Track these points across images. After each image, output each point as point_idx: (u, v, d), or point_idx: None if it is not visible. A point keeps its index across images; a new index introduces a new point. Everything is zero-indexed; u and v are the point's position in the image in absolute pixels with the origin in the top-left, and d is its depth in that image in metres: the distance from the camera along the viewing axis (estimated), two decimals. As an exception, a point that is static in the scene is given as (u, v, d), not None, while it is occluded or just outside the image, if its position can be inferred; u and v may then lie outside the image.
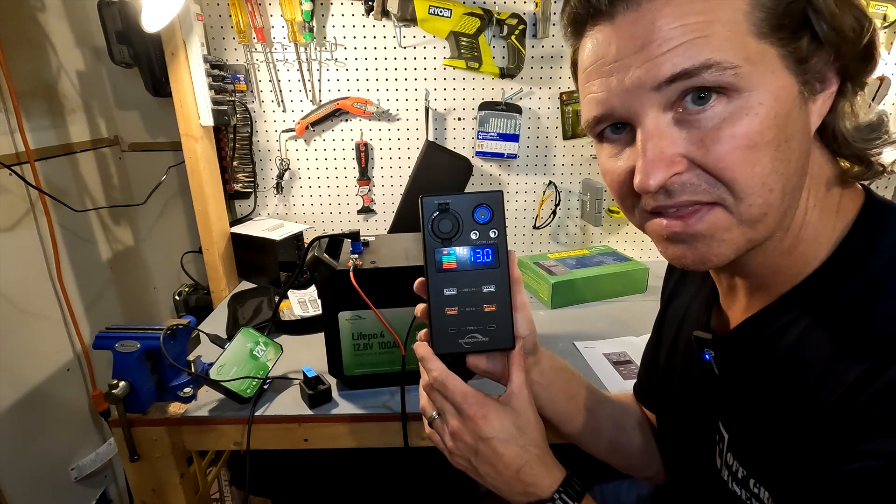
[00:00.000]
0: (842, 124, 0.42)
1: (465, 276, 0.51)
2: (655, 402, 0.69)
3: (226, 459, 1.30)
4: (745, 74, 0.36)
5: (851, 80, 0.41)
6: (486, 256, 0.51)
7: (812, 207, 0.43)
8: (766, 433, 0.44)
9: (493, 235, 0.51)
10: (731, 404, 0.50)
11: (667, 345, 0.65)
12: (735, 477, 0.48)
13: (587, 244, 1.49)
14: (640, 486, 0.82)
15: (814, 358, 0.41)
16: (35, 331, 1.18)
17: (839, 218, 0.43)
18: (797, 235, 0.43)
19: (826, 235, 0.43)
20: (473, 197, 0.51)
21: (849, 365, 0.38)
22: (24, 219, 1.15)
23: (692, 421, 0.57)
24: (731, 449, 0.49)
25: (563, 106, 1.35)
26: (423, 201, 0.51)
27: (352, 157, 1.38)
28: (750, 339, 0.48)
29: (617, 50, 0.39)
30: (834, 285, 0.42)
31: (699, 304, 0.58)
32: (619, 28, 0.39)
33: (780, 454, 0.42)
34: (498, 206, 0.51)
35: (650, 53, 0.37)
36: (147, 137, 1.45)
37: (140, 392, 0.80)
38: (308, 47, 1.28)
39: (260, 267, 1.31)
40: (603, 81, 0.41)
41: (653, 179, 0.39)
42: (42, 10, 1.21)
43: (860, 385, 0.37)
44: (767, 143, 0.37)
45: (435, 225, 0.50)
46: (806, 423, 0.40)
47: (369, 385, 0.88)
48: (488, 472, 0.50)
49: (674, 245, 0.42)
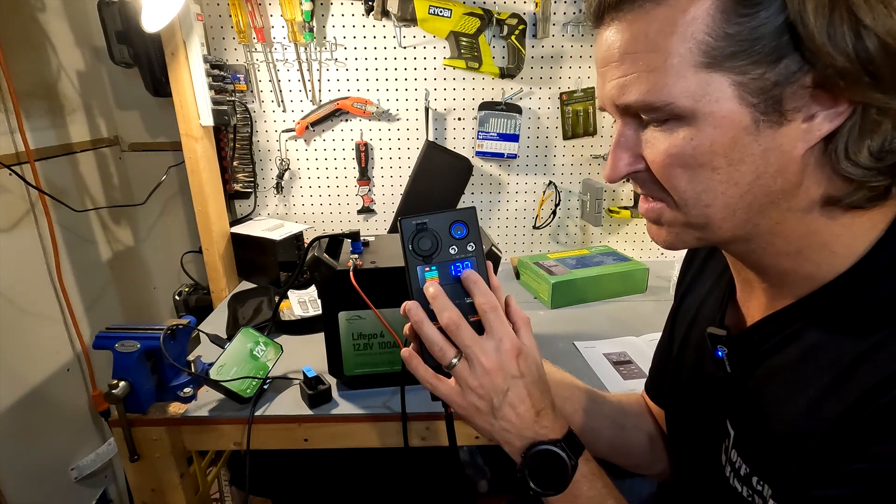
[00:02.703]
0: (854, 147, 0.38)
1: (448, 290, 0.52)
2: (665, 397, 0.69)
3: (226, 459, 1.30)
4: (682, 108, 0.39)
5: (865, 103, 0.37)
6: (466, 269, 0.53)
7: (816, 218, 0.42)
8: (773, 432, 0.44)
9: (471, 249, 0.53)
10: (741, 402, 0.50)
11: (679, 339, 0.65)
12: (737, 474, 0.48)
13: (587, 244, 1.49)
14: (642, 485, 0.82)
15: (830, 361, 0.41)
16: (35, 331, 1.18)
17: (870, 227, 0.42)
18: (799, 241, 0.43)
19: (842, 243, 0.43)
20: (449, 215, 0.53)
21: (867, 371, 0.38)
22: (24, 219, 1.15)
23: (700, 417, 0.57)
24: (736, 446, 0.49)
25: (563, 106, 1.35)
26: (401, 223, 0.53)
27: (352, 157, 1.38)
28: (764, 339, 0.48)
29: (602, 57, 0.44)
30: (860, 292, 0.42)
31: (714, 300, 0.59)
32: (606, 36, 0.43)
33: (786, 453, 0.42)
34: (472, 221, 0.53)
35: (610, 73, 0.42)
36: (147, 137, 1.45)
37: (140, 392, 0.80)
38: (308, 47, 1.28)
39: (260, 267, 1.31)
40: (599, 79, 0.46)
41: (612, 177, 0.46)
42: (42, 10, 1.21)
43: (879, 390, 0.37)
44: (702, 165, 0.40)
45: (415, 244, 0.53)
46: (817, 426, 0.40)
47: (369, 385, 0.88)
48: (507, 414, 0.50)
49: (651, 224, 0.48)
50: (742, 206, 0.42)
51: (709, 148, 0.40)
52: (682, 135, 0.40)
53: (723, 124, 0.39)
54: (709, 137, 0.39)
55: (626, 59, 0.40)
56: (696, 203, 0.42)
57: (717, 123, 0.39)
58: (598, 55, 0.44)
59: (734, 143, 0.39)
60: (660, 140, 0.42)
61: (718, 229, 0.44)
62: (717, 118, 0.39)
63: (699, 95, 0.39)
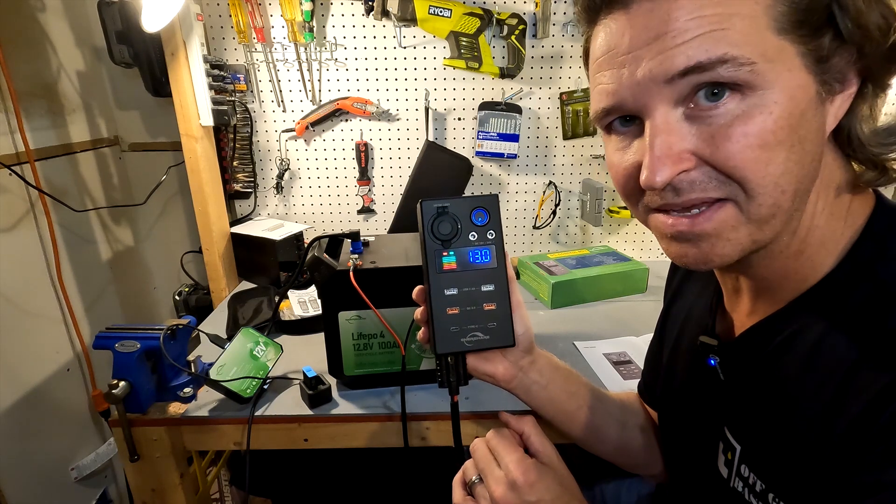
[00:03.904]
0: (859, 127, 0.40)
1: (465, 276, 0.52)
2: (658, 400, 0.69)
3: (226, 459, 1.30)
4: (761, 71, 0.35)
5: (873, 81, 0.39)
6: (484, 257, 0.52)
7: (821, 211, 0.42)
8: (781, 446, 0.43)
9: (491, 237, 0.52)
10: (739, 412, 0.49)
11: (669, 345, 0.64)
12: (752, 490, 0.46)
13: (587, 244, 1.49)
14: (641, 485, 0.82)
15: (829, 371, 0.40)
16: (35, 331, 1.18)
17: (848, 224, 0.42)
18: (804, 239, 0.42)
19: (834, 241, 0.42)
20: (471, 200, 0.52)
21: (866, 380, 0.37)
22: (24, 219, 1.15)
23: (695, 423, 0.57)
24: (746, 461, 0.47)
25: (563, 106, 1.35)
26: (422, 205, 0.52)
27: (352, 157, 1.38)
28: (758, 347, 0.47)
29: (630, 41, 0.38)
30: (843, 294, 0.41)
31: (703, 305, 0.58)
32: (633, 18, 0.38)
33: (798, 470, 0.41)
34: (494, 208, 0.52)
35: (664, 45, 0.36)
36: (147, 137, 1.45)
37: (140, 392, 0.80)
38: (308, 47, 1.28)
39: (260, 267, 1.31)
40: (614, 73, 0.40)
41: (659, 176, 0.38)
42: (42, 10, 1.21)
43: (879, 404, 0.35)
44: (780, 142, 0.36)
45: (435, 228, 0.51)
46: (825, 440, 0.39)
47: (369, 385, 0.88)
48: None
49: (678, 243, 0.42)
50: (800, 192, 0.39)
51: (787, 121, 0.36)
52: (757, 106, 0.36)
53: (797, 94, 0.36)
54: (787, 109, 0.36)
55: (689, 23, 0.35)
56: (774, 189, 0.37)
57: (793, 93, 0.36)
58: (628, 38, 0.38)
59: (803, 116, 0.37)
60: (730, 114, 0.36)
61: (777, 223, 0.39)
62: (792, 87, 0.36)
63: (777, 60, 0.36)
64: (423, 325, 0.55)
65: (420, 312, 0.55)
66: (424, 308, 0.54)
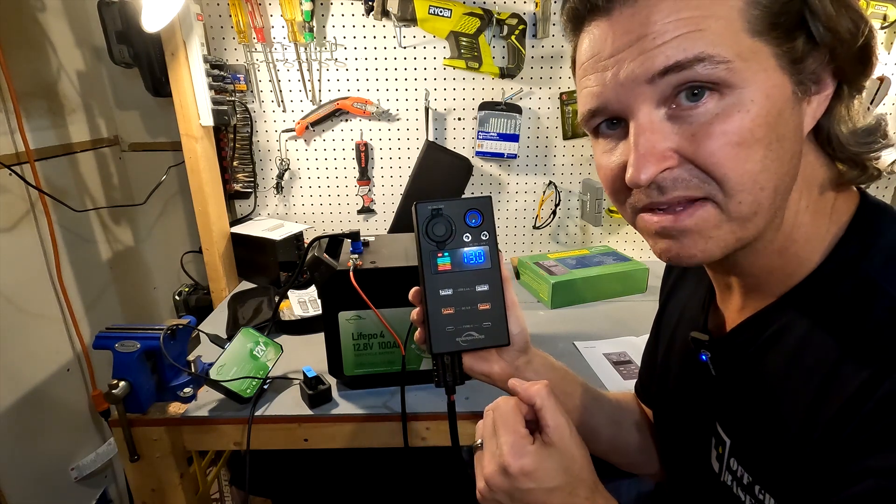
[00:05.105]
0: (837, 128, 0.42)
1: (459, 276, 0.53)
2: (653, 399, 0.70)
3: (226, 459, 1.30)
4: (737, 70, 0.37)
5: (848, 83, 0.41)
6: (478, 257, 0.53)
7: (804, 209, 0.43)
8: (768, 439, 0.44)
9: (485, 238, 0.53)
10: (729, 407, 0.49)
11: (664, 343, 0.65)
12: (740, 483, 0.47)
13: (587, 244, 1.49)
14: (640, 484, 0.82)
15: (814, 364, 0.40)
16: (35, 331, 1.18)
17: (833, 220, 0.43)
18: (789, 236, 0.43)
19: (819, 238, 0.43)
20: (465, 202, 0.53)
21: (848, 373, 0.38)
22: (24, 219, 1.15)
23: (688, 420, 0.57)
24: (735, 454, 0.48)
25: (563, 106, 1.35)
26: (416, 208, 0.53)
27: (352, 157, 1.38)
28: (747, 342, 0.47)
29: (613, 45, 0.40)
30: (828, 289, 0.42)
31: (696, 303, 0.58)
32: (615, 23, 0.40)
33: (784, 462, 0.42)
34: (488, 210, 0.53)
35: (644, 47, 0.38)
36: (147, 137, 1.45)
37: (140, 392, 0.80)
38: (308, 47, 1.28)
39: (260, 267, 1.31)
40: (599, 76, 0.41)
41: (644, 174, 0.39)
42: (42, 10, 1.21)
43: (861, 396, 0.36)
44: (758, 140, 0.38)
45: (429, 229, 0.52)
46: (809, 433, 0.40)
47: (369, 385, 0.88)
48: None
49: (663, 239, 0.43)
50: (781, 190, 0.40)
51: (764, 119, 0.37)
52: (735, 105, 0.37)
53: (773, 93, 0.38)
54: (764, 108, 0.37)
55: (668, 25, 0.37)
56: (753, 187, 0.38)
57: (769, 92, 0.38)
58: (610, 43, 0.40)
59: (780, 115, 0.38)
60: (709, 113, 0.38)
61: (760, 220, 0.40)
62: (768, 87, 0.38)
63: (752, 60, 0.37)
64: (419, 325, 0.55)
65: (416, 313, 0.56)
66: (420, 309, 0.54)
